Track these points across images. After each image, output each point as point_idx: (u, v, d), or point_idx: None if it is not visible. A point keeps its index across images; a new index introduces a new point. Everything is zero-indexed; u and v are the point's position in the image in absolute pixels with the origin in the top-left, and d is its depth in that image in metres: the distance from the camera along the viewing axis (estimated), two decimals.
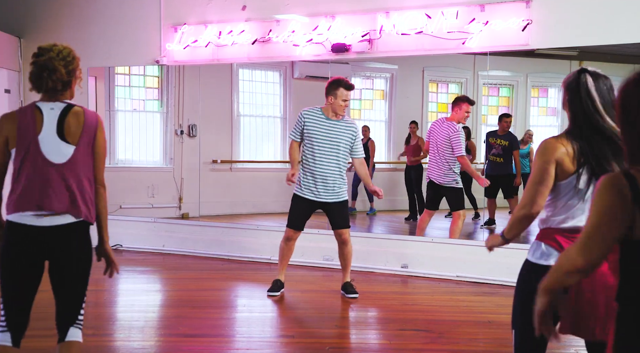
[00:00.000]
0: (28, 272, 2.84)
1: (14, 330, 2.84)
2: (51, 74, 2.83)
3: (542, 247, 2.46)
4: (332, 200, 5.38)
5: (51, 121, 2.83)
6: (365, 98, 10.16)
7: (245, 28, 7.27)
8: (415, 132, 9.29)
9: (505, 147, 8.04)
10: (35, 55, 2.89)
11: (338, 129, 5.38)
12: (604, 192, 1.68)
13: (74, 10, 8.16)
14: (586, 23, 5.89)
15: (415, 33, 6.51)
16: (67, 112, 2.87)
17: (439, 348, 4.33)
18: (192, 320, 4.82)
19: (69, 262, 2.86)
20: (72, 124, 2.86)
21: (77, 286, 2.91)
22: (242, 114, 9.70)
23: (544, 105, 9.37)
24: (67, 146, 2.84)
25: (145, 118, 9.04)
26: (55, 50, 2.88)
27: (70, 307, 2.90)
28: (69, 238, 2.84)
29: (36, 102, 2.90)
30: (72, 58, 2.93)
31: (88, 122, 2.88)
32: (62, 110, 2.86)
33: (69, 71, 2.89)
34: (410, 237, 6.97)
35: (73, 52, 2.96)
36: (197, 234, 7.74)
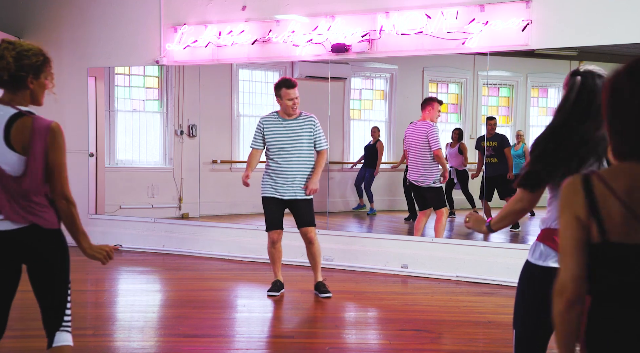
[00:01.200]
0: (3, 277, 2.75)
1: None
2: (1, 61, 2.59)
3: (540, 248, 2.44)
4: (297, 198, 5.41)
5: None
6: (365, 98, 10.16)
7: (245, 28, 7.28)
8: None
9: (495, 147, 8.15)
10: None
11: (295, 127, 5.40)
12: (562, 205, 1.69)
13: (74, 10, 8.16)
14: (586, 23, 5.89)
15: (415, 33, 6.51)
16: (16, 119, 2.62)
17: (439, 348, 4.33)
18: (192, 320, 4.82)
19: (40, 265, 2.75)
20: (19, 132, 2.61)
21: (54, 289, 2.79)
22: (242, 114, 9.70)
23: (544, 105, 9.37)
24: (15, 156, 2.62)
25: (145, 118, 9.04)
26: (16, 43, 2.66)
27: (52, 311, 2.80)
28: (36, 240, 2.72)
29: None
30: (34, 53, 2.66)
31: (37, 131, 2.61)
32: (10, 117, 2.62)
33: (21, 65, 2.62)
34: (410, 237, 6.97)
35: (40, 51, 2.71)
36: (197, 234, 7.74)
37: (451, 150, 9.28)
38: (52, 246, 2.75)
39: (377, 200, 9.76)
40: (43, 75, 2.71)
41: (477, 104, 10.09)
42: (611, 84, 1.64)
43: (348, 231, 8.14)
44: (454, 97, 10.39)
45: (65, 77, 7.75)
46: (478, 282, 6.19)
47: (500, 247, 6.50)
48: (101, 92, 8.49)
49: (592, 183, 1.64)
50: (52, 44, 8.14)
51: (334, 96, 7.86)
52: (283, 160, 5.39)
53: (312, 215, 5.49)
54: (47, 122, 2.66)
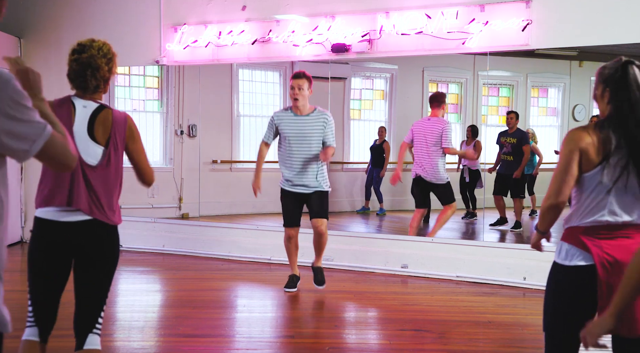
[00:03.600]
0: (53, 268, 2.80)
1: (41, 325, 2.83)
2: (95, 72, 2.79)
3: (565, 247, 2.44)
4: (312, 191, 5.45)
5: (83, 119, 2.79)
6: (365, 98, 10.16)
7: (245, 28, 7.27)
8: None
9: (514, 144, 8.08)
10: (76, 51, 2.82)
11: (308, 123, 5.42)
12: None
13: (74, 10, 8.16)
14: (586, 23, 5.89)
15: (415, 33, 6.51)
16: (98, 112, 2.82)
17: (439, 348, 4.33)
18: (192, 320, 4.82)
19: (92, 259, 2.81)
20: (101, 125, 2.81)
21: (97, 290, 2.85)
22: (242, 114, 9.70)
23: (544, 105, 9.37)
24: (96, 146, 2.79)
25: (145, 118, 9.03)
26: (95, 46, 2.81)
27: (89, 312, 2.83)
28: (94, 234, 2.79)
29: (71, 96, 2.85)
30: (112, 55, 2.87)
31: (116, 124, 2.83)
32: (94, 111, 2.82)
33: (110, 68, 2.85)
34: (410, 237, 6.97)
35: (112, 48, 2.90)
36: (197, 234, 7.74)
37: (466, 148, 9.24)
38: (106, 244, 2.82)
39: (385, 201, 9.76)
40: (114, 69, 2.91)
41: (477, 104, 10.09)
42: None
43: (348, 231, 8.14)
44: (454, 97, 10.39)
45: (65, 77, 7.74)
46: (478, 282, 6.19)
47: (500, 247, 6.50)
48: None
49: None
50: (52, 44, 8.14)
51: (334, 96, 7.86)
52: (298, 156, 5.42)
53: (324, 208, 5.50)
54: (123, 114, 2.87)
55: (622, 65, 2.41)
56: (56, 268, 2.82)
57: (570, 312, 2.37)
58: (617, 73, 2.41)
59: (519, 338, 4.60)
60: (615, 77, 2.41)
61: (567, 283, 2.40)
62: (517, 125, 8.21)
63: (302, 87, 5.37)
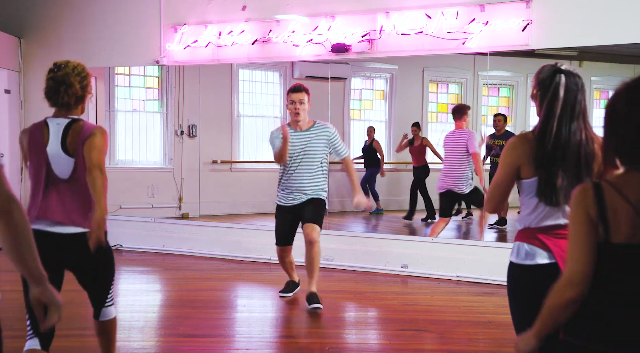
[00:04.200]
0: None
1: (41, 335, 2.99)
2: (67, 89, 3.02)
3: (525, 248, 2.49)
4: (307, 198, 5.15)
5: (56, 135, 3.02)
6: (365, 98, 10.16)
7: (245, 28, 7.28)
8: (418, 134, 9.30)
9: (502, 146, 8.08)
10: (52, 71, 3.06)
11: (309, 138, 5.12)
12: (574, 208, 1.83)
13: (74, 10, 8.16)
14: (586, 23, 5.89)
15: (415, 33, 6.51)
16: (70, 126, 3.04)
17: (439, 348, 4.33)
18: (192, 320, 4.82)
19: (87, 268, 3.10)
20: (72, 137, 3.02)
21: (101, 283, 3.20)
22: (242, 114, 9.70)
23: None
24: (68, 159, 3.01)
25: (145, 118, 9.04)
26: (70, 66, 3.06)
27: (98, 295, 3.22)
28: (84, 246, 2.98)
29: (46, 118, 3.10)
30: (86, 74, 3.10)
31: (83, 134, 3.02)
32: (66, 125, 3.04)
33: (83, 86, 3.07)
34: (410, 237, 6.97)
35: (86, 69, 3.13)
36: (197, 234, 7.74)
37: None
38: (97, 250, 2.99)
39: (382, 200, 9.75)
40: (89, 86, 3.15)
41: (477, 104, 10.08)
42: (610, 103, 1.81)
43: (348, 231, 8.14)
44: (454, 97, 10.39)
45: None
46: (478, 282, 6.19)
47: (500, 247, 6.50)
48: (101, 92, 8.49)
49: (602, 188, 1.79)
50: (52, 44, 8.14)
51: (334, 96, 7.86)
52: (298, 174, 5.13)
53: (318, 214, 5.16)
54: (92, 125, 3.08)
55: (551, 72, 2.50)
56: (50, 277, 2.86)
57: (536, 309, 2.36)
58: (547, 79, 2.51)
59: None
60: (546, 82, 2.51)
61: (530, 282, 2.46)
62: (505, 127, 8.23)
63: (302, 100, 5.11)
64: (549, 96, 2.47)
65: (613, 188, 1.78)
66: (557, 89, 2.46)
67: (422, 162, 9.20)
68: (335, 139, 5.20)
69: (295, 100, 5.10)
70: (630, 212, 1.74)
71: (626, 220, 1.74)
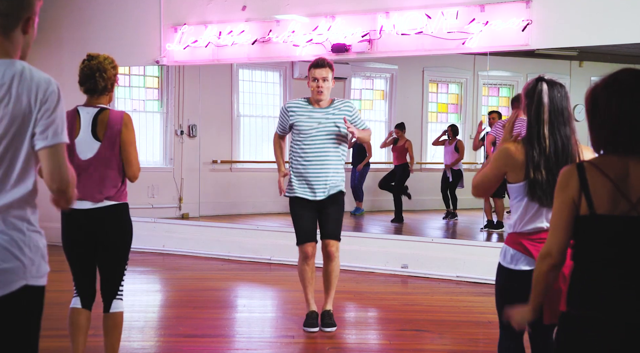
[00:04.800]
0: (80, 247, 3.36)
1: (82, 295, 3.43)
2: (102, 74, 3.33)
3: (510, 252, 2.66)
4: (327, 195, 4.56)
5: (87, 123, 3.34)
6: (365, 98, 10.16)
7: (245, 28, 7.27)
8: (402, 135, 9.36)
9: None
10: (86, 61, 3.38)
11: (327, 116, 4.55)
12: (558, 188, 2.06)
13: (74, 10, 8.16)
14: (586, 23, 5.89)
15: (415, 33, 6.51)
16: (99, 114, 3.35)
17: (439, 348, 4.33)
18: (192, 320, 4.82)
19: (105, 240, 3.37)
20: (101, 123, 3.33)
21: (115, 262, 3.43)
22: (242, 114, 9.70)
23: None
24: (94, 143, 3.33)
25: (145, 118, 9.04)
26: (102, 56, 3.38)
27: (112, 282, 3.42)
28: (105, 220, 3.35)
29: (77, 107, 3.39)
30: (115, 65, 3.40)
31: (111, 121, 3.33)
32: (95, 113, 3.35)
33: (114, 74, 3.39)
34: (410, 237, 6.97)
35: (115, 61, 3.42)
36: (197, 234, 7.74)
37: (447, 148, 9.29)
38: (117, 222, 3.41)
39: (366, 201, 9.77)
40: (117, 78, 3.46)
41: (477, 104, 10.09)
42: (591, 95, 2.02)
43: (348, 231, 8.13)
44: (454, 97, 10.40)
45: (65, 77, 7.73)
46: (478, 282, 6.19)
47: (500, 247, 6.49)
48: None
49: (584, 168, 2.01)
50: (52, 44, 8.14)
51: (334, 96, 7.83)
52: (311, 153, 4.52)
53: (340, 227, 4.64)
54: (120, 113, 3.40)
55: (535, 81, 2.65)
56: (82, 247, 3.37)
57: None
58: (531, 89, 2.64)
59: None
60: (530, 92, 2.64)
61: (513, 286, 2.62)
62: None
63: (326, 78, 4.50)
64: (534, 104, 2.60)
65: (594, 167, 1.98)
66: (540, 96, 2.59)
67: (402, 161, 9.31)
68: (357, 115, 4.65)
69: (319, 78, 4.49)
70: (610, 187, 1.95)
71: (607, 194, 1.95)
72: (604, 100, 1.97)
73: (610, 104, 1.96)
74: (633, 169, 1.96)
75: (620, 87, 1.97)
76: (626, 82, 1.97)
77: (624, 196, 1.94)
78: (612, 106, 1.95)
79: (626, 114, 1.94)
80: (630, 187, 1.94)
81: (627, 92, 1.95)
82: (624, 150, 1.97)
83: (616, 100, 1.95)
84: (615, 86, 1.97)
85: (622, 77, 1.98)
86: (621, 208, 1.94)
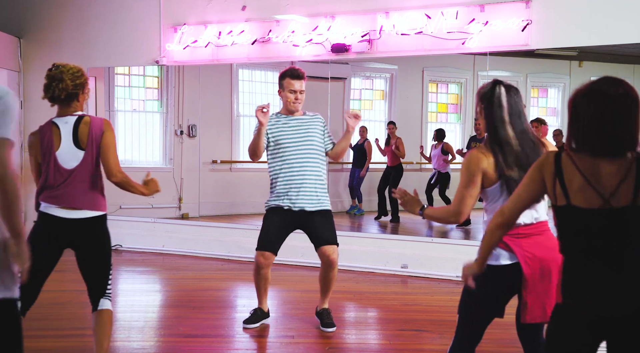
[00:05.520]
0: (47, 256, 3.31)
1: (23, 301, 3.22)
2: (58, 84, 3.28)
3: None
4: (314, 208, 4.44)
5: (68, 133, 3.32)
6: (365, 98, 10.16)
7: (245, 28, 7.28)
8: (394, 133, 9.34)
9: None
10: (49, 70, 3.35)
11: (303, 124, 4.52)
12: (534, 167, 2.20)
13: (74, 10, 8.16)
14: (586, 23, 5.89)
15: (415, 33, 6.51)
16: (79, 123, 3.34)
17: (439, 348, 4.33)
18: (192, 320, 4.82)
19: (87, 249, 3.37)
20: (82, 132, 3.32)
21: (98, 268, 3.41)
22: (242, 114, 9.70)
23: (543, 105, 9.37)
24: (78, 152, 3.32)
25: (145, 118, 9.04)
26: (67, 67, 3.35)
27: (97, 283, 3.44)
28: (86, 230, 3.34)
29: (52, 119, 3.37)
30: (80, 74, 3.35)
31: (93, 128, 3.32)
32: (75, 122, 3.33)
33: (75, 84, 3.31)
34: (410, 237, 6.96)
35: (82, 71, 3.39)
36: (197, 234, 7.74)
37: (435, 152, 9.28)
38: (98, 231, 3.38)
39: (364, 201, 9.77)
40: (86, 90, 3.42)
41: None
42: (572, 100, 2.13)
43: (348, 231, 8.14)
44: (454, 97, 10.40)
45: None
46: None
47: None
48: (101, 92, 8.50)
49: (561, 157, 2.13)
50: (52, 44, 8.14)
51: (334, 96, 7.86)
52: (291, 161, 4.45)
53: (334, 230, 4.52)
54: (100, 119, 3.40)
55: (491, 85, 2.73)
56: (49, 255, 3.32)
57: (494, 304, 2.75)
58: (488, 92, 2.72)
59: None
60: (487, 96, 2.72)
61: (495, 281, 2.71)
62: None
63: (303, 90, 4.52)
64: (494, 107, 2.69)
65: (569, 158, 2.11)
66: (500, 99, 2.69)
67: (396, 161, 9.27)
68: (327, 129, 4.64)
69: (297, 90, 4.48)
70: (581, 180, 2.07)
71: (579, 187, 2.07)
72: (583, 104, 2.09)
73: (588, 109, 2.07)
74: (604, 167, 2.06)
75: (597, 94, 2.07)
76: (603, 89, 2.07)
77: (595, 191, 2.05)
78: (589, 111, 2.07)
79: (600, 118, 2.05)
80: (601, 184, 2.05)
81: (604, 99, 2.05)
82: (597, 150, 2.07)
83: (594, 106, 2.06)
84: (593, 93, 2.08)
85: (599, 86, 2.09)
86: (595, 203, 2.05)
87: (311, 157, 4.48)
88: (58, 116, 3.37)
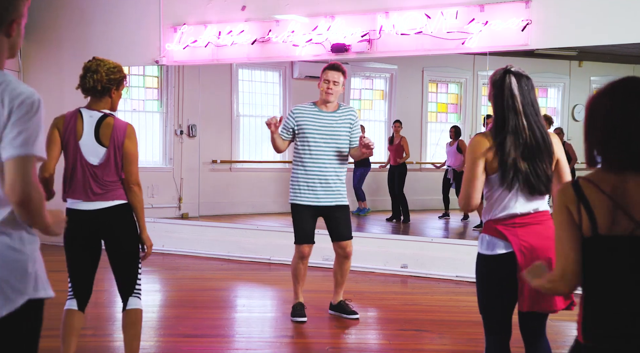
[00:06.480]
0: (83, 249, 3.41)
1: (78, 297, 3.44)
2: (93, 75, 3.33)
3: (487, 239, 2.72)
4: (334, 203, 4.71)
5: (90, 126, 3.36)
6: (365, 98, 10.17)
7: (244, 28, 7.27)
8: (398, 132, 9.33)
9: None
10: (87, 62, 3.42)
11: (334, 121, 4.70)
12: (556, 210, 1.91)
13: (74, 10, 8.16)
14: (586, 23, 5.89)
15: (414, 33, 6.51)
16: (102, 120, 3.37)
17: (439, 348, 4.33)
18: (192, 320, 4.82)
19: (116, 239, 3.42)
20: (105, 129, 3.36)
21: (128, 260, 3.45)
22: (242, 114, 9.70)
23: (543, 105, 9.36)
24: (100, 148, 3.35)
25: (145, 118, 9.04)
26: (104, 61, 3.40)
27: (127, 280, 3.47)
28: (112, 219, 3.38)
29: (80, 108, 3.41)
30: (117, 71, 3.39)
31: (116, 130, 3.36)
32: (99, 119, 3.37)
33: (109, 79, 3.34)
34: (410, 237, 6.97)
35: (120, 68, 3.42)
36: (197, 234, 7.74)
37: (449, 149, 9.29)
38: (123, 221, 3.41)
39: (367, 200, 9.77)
40: (121, 88, 3.45)
41: (477, 104, 10.09)
42: (592, 100, 1.89)
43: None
44: (454, 97, 10.40)
45: (65, 77, 7.74)
46: None
47: None
48: None
49: (580, 185, 1.87)
50: (52, 44, 8.14)
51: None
52: (317, 158, 4.64)
53: (350, 225, 4.83)
54: (125, 123, 3.44)
55: (502, 73, 2.69)
56: (85, 249, 3.41)
57: (499, 294, 2.71)
58: (499, 80, 2.68)
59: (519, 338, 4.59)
60: (498, 83, 2.68)
61: (492, 270, 2.70)
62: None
63: (337, 82, 4.67)
64: (505, 95, 2.64)
65: (590, 183, 1.86)
66: (511, 88, 2.64)
67: (400, 161, 9.27)
68: (356, 125, 4.79)
69: (330, 80, 4.67)
70: (608, 203, 1.81)
71: (606, 211, 1.82)
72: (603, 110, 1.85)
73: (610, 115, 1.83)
74: (632, 186, 1.81)
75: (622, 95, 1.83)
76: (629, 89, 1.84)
77: (625, 213, 1.79)
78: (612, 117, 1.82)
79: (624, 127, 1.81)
80: (631, 205, 1.80)
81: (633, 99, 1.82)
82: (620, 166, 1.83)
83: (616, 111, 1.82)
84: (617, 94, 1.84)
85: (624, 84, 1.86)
86: (624, 226, 1.79)
87: (336, 154, 4.71)
88: (86, 107, 3.40)
